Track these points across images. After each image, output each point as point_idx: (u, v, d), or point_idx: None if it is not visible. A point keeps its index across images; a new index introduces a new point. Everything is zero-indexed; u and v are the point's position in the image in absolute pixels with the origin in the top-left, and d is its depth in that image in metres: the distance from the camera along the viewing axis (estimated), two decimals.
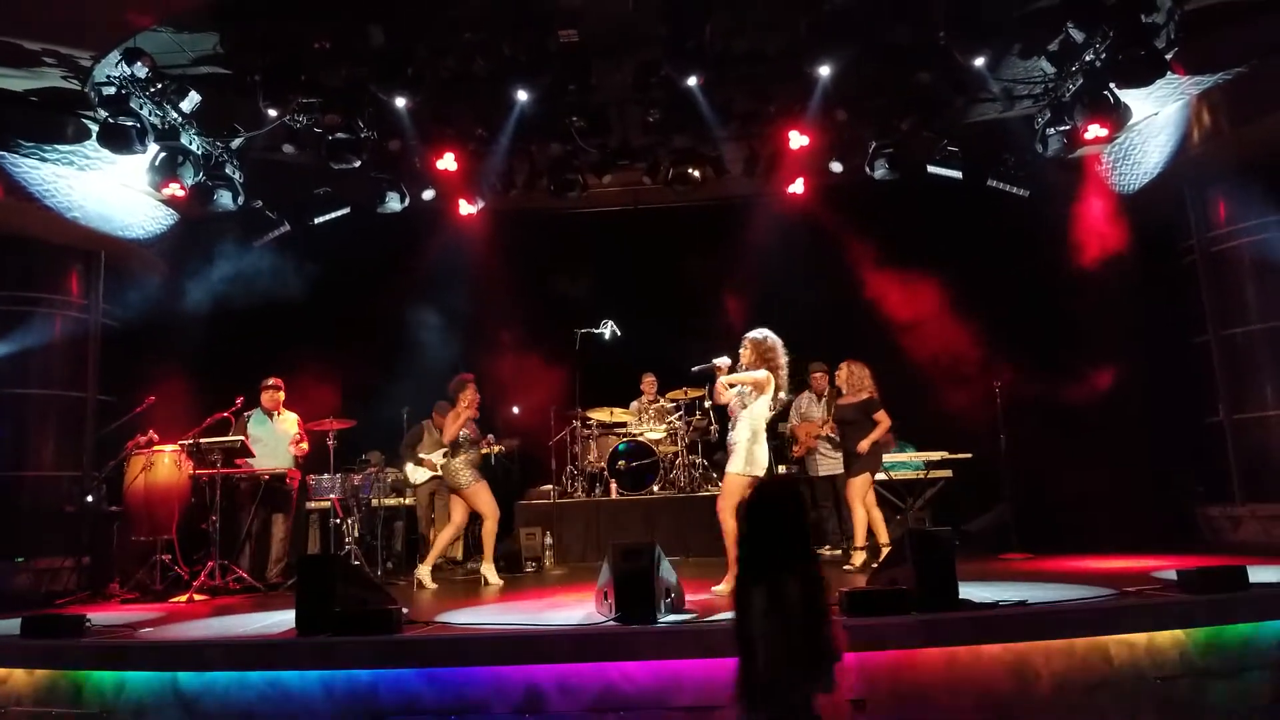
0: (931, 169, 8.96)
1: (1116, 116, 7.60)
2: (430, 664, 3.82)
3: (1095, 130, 7.69)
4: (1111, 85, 7.39)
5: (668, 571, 4.31)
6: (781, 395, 6.02)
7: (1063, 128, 8.08)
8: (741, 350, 6.05)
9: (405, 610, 4.33)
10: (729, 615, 4.51)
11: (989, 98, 8.49)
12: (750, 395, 5.83)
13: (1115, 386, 8.58)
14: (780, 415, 9.91)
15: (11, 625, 4.73)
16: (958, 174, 8.99)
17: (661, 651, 3.76)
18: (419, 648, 3.87)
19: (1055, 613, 3.96)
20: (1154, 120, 8.35)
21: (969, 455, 8.68)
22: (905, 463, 8.92)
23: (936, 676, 3.79)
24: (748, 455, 5.63)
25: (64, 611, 5.13)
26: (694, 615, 4.33)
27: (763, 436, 5.73)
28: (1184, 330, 8.66)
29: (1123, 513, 8.01)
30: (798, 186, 9.60)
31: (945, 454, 8.74)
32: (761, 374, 5.79)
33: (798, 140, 8.52)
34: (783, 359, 5.96)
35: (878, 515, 7.24)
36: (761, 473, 5.68)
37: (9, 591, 7.47)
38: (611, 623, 4.01)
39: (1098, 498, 8.21)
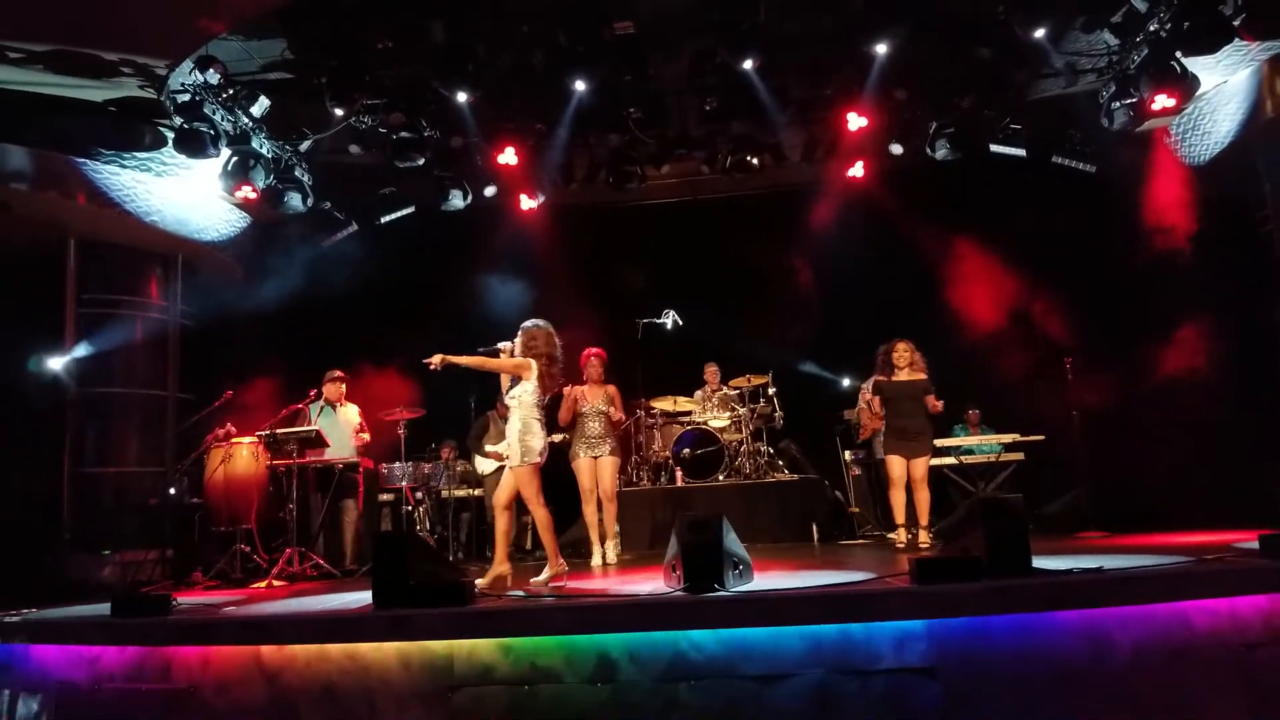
0: (994, 148, 8.81)
1: (1184, 86, 7.39)
2: (503, 634, 3.89)
3: (1162, 101, 7.48)
4: (1178, 54, 7.19)
5: (734, 544, 4.31)
6: (559, 383, 6.01)
7: (1129, 100, 7.88)
8: (518, 337, 5.97)
9: (477, 585, 4.41)
10: (800, 580, 4.54)
11: (1051, 73, 8.33)
12: (520, 386, 5.78)
13: (1190, 361, 8.32)
14: (846, 402, 9.89)
15: (102, 608, 4.94)
16: (1021, 152, 8.81)
17: (729, 620, 3.77)
18: (492, 619, 3.94)
19: (1132, 579, 3.86)
20: (1223, 89, 8.09)
21: (1041, 437, 8.51)
22: (978, 446, 8.78)
23: (1008, 644, 3.73)
24: (522, 447, 5.62)
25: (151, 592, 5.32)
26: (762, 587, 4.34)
27: (535, 425, 5.68)
28: (1260, 302, 8.36)
29: (1203, 492, 7.76)
30: (857, 170, 9.53)
31: (1017, 436, 8.57)
32: (522, 360, 5.79)
33: (856, 122, 8.45)
34: (552, 350, 5.88)
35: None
36: (539, 459, 5.66)
37: (97, 582, 7.79)
38: (680, 593, 4.04)
39: (1176, 478, 7.98)
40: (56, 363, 8.58)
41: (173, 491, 7.87)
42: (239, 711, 4.12)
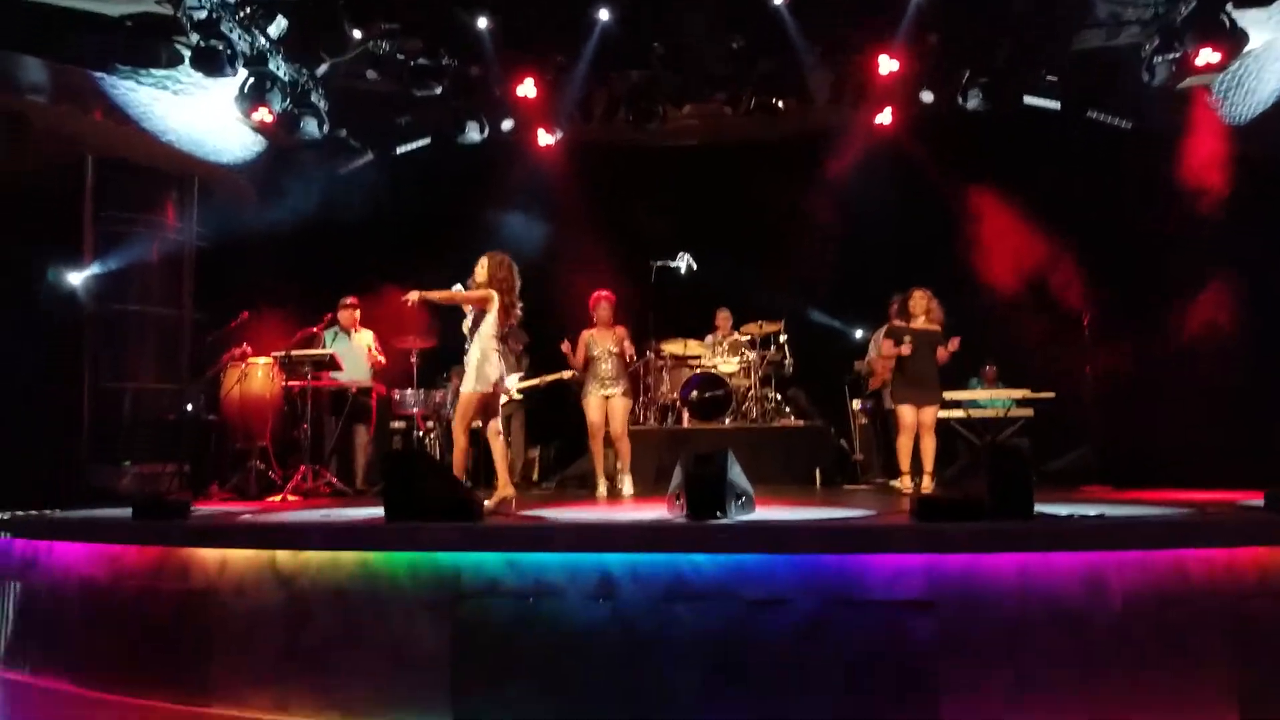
0: (1028, 99, 8.68)
1: (1231, 41, 7.24)
2: (510, 549, 3.99)
3: (1207, 56, 7.34)
4: (1228, 7, 7.03)
5: (739, 476, 4.38)
6: (518, 313, 6.14)
7: (1172, 55, 7.70)
8: (477, 267, 6.08)
9: (486, 502, 4.51)
10: (801, 515, 4.63)
11: (1094, 23, 8.15)
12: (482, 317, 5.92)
13: (1212, 324, 8.27)
14: (857, 353, 9.92)
15: (123, 512, 5.08)
16: (1056, 105, 8.68)
17: (730, 545, 3.84)
18: (500, 534, 4.04)
19: (1131, 525, 3.92)
20: (1272, 45, 7.84)
21: (1052, 394, 8.51)
22: (988, 400, 8.80)
23: (1006, 584, 3.79)
24: (478, 373, 5.82)
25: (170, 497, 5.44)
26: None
27: (493, 355, 5.87)
28: None
29: (1215, 454, 7.75)
30: (885, 117, 9.41)
31: (1028, 392, 8.58)
32: (486, 293, 5.91)
33: (887, 65, 8.32)
34: (512, 280, 6.03)
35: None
36: (491, 388, 5.87)
37: (116, 492, 7.95)
38: (682, 519, 4.12)
39: (1188, 439, 7.96)
40: (75, 278, 8.66)
41: (189, 408, 7.99)
42: (253, 613, 4.25)
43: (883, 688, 3.71)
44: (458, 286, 6.14)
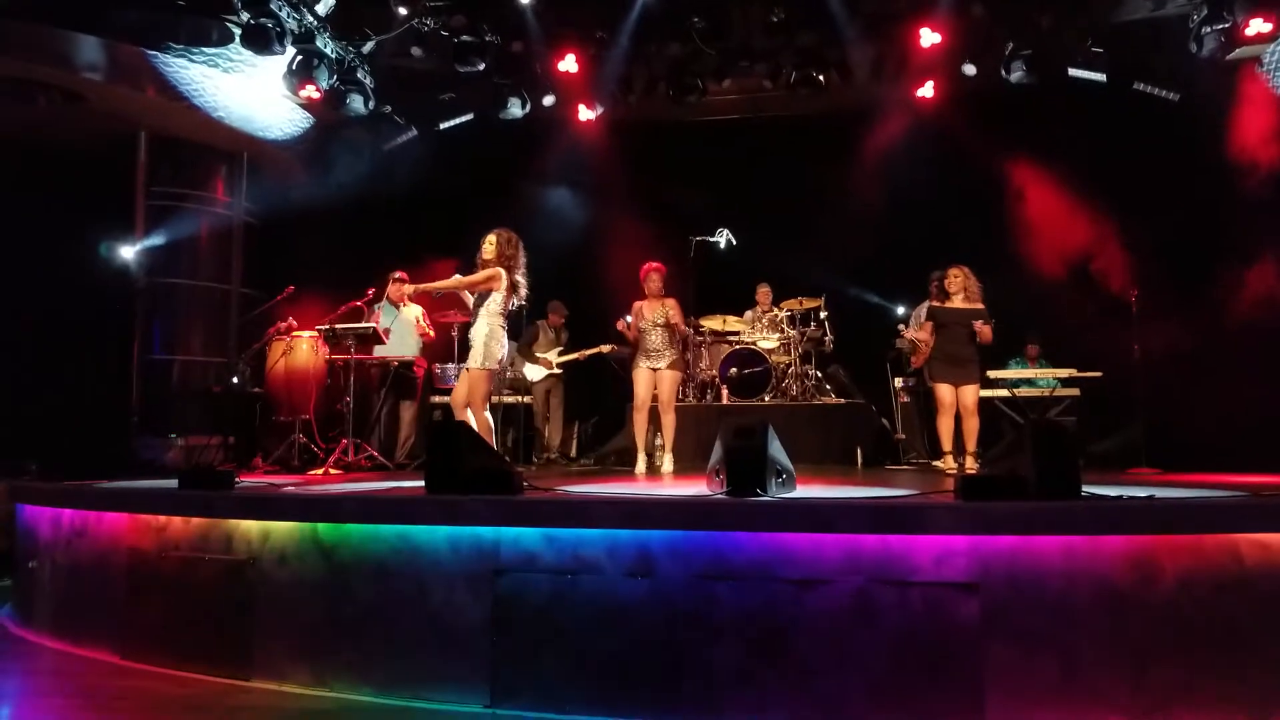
0: (1073, 71, 8.47)
1: None
2: (549, 525, 3.99)
3: (1258, 26, 7.16)
4: None
5: (779, 452, 4.33)
6: (523, 292, 6.13)
7: (1221, 25, 7.53)
8: (487, 244, 6.06)
9: (525, 479, 4.52)
10: (842, 494, 4.58)
11: None
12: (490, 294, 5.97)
13: (1267, 301, 8.04)
14: (899, 329, 9.79)
15: (170, 482, 5.19)
16: (1101, 77, 8.46)
17: (771, 524, 3.80)
18: (539, 509, 4.04)
19: (1182, 507, 3.80)
20: None
21: (1099, 374, 8.35)
22: (1032, 380, 8.65)
23: (1052, 565, 3.72)
24: (486, 351, 5.88)
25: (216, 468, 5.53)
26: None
27: (500, 332, 5.96)
28: None
29: (1270, 436, 7.57)
30: (927, 90, 9.25)
31: (1074, 371, 8.43)
32: (493, 271, 5.93)
33: (929, 38, 8.18)
34: (521, 257, 6.06)
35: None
36: (497, 366, 5.96)
37: (163, 464, 8.14)
38: (722, 496, 4.09)
39: (1240, 421, 7.77)
40: (126, 252, 8.83)
41: (235, 381, 8.13)
42: (295, 583, 4.31)
43: (925, 670, 3.66)
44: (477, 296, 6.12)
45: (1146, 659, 3.63)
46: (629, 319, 7.56)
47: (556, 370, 9.63)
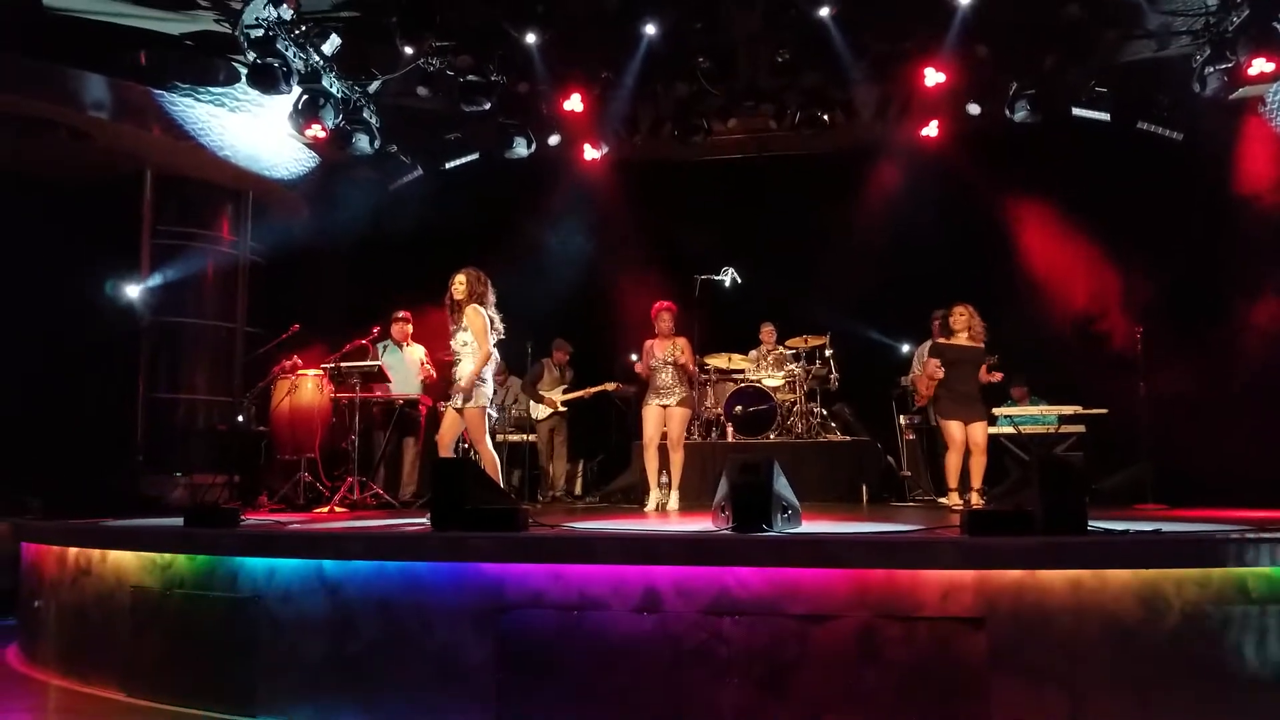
0: (1076, 111, 8.56)
1: None
2: (554, 561, 3.98)
3: (1260, 66, 7.23)
4: None
5: (784, 488, 4.33)
6: (499, 326, 6.19)
7: (1223, 65, 7.58)
8: (458, 284, 6.11)
9: (530, 516, 4.52)
10: (846, 529, 4.56)
11: (1143, 34, 8.04)
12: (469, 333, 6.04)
13: (1270, 336, 8.06)
14: (903, 368, 9.80)
15: (175, 520, 5.19)
16: (1105, 116, 8.56)
17: (777, 559, 3.79)
18: (544, 545, 4.04)
19: (1190, 541, 3.80)
20: None
21: (1105, 410, 8.34)
22: (1037, 417, 8.64)
23: (1060, 600, 3.70)
24: (478, 390, 5.98)
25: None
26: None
27: (484, 370, 6.02)
28: None
29: (1275, 470, 7.54)
30: (931, 130, 9.34)
31: (1079, 409, 8.42)
32: (477, 313, 6.02)
33: (933, 78, 8.26)
34: (491, 294, 6.18)
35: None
36: (486, 402, 6.02)
37: (168, 502, 8.12)
38: (728, 532, 4.08)
39: (1248, 459, 7.75)
40: (132, 290, 8.89)
41: (240, 419, 8.14)
42: (300, 620, 4.29)
43: (933, 706, 3.64)
44: (460, 336, 6.14)
45: (1154, 693, 3.61)
46: (636, 358, 7.59)
47: (561, 408, 9.64)
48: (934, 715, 3.63)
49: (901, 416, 9.39)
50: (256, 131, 9.12)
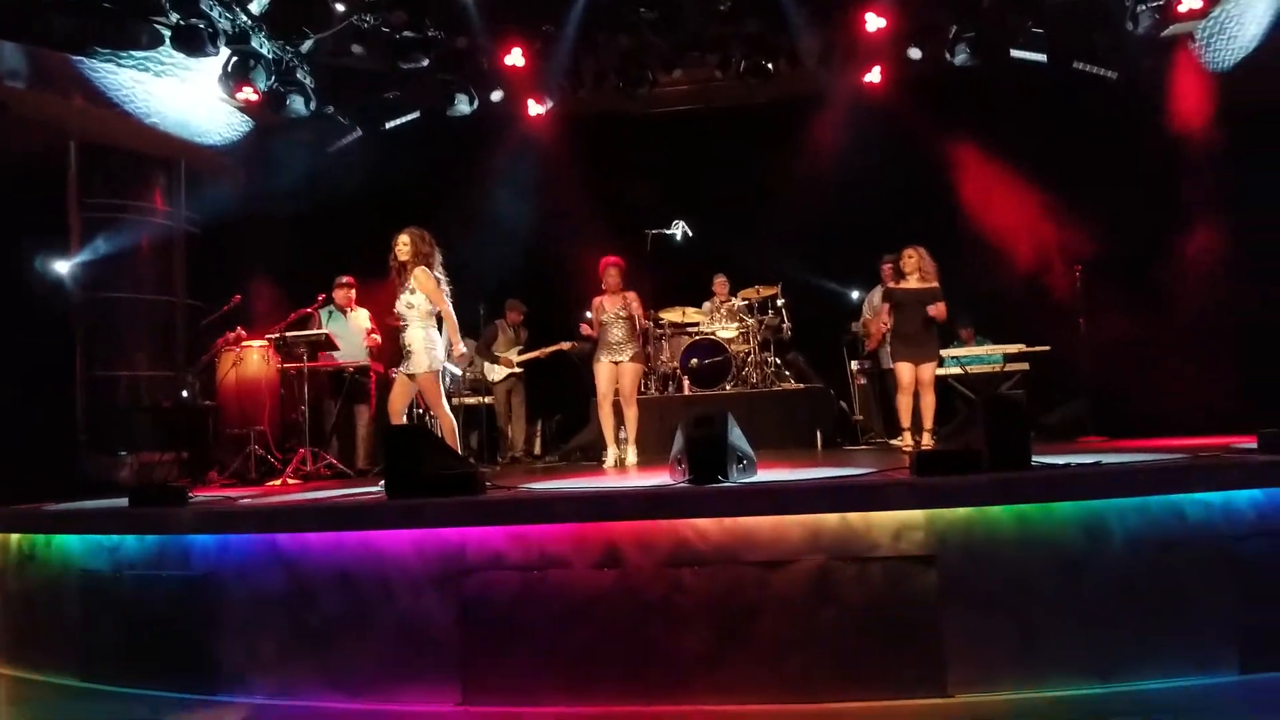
0: (1015, 53, 8.62)
1: None
2: (513, 523, 3.99)
3: (1190, 3, 7.37)
4: None
5: (739, 439, 4.37)
6: (446, 288, 6.05)
7: (1154, 3, 7.71)
8: (402, 245, 6.00)
9: (488, 479, 4.51)
10: (802, 476, 4.62)
11: None
12: (416, 295, 5.92)
13: (1205, 272, 8.26)
14: (854, 314, 9.90)
15: (121, 501, 5.07)
16: (1042, 57, 8.63)
17: (733, 509, 3.84)
18: (503, 507, 4.03)
19: (1128, 472, 3.91)
20: None
21: (1047, 348, 8.50)
22: (981, 356, 8.78)
23: (1007, 534, 3.81)
24: (428, 357, 5.89)
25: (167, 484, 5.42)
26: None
27: (435, 333, 5.94)
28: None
29: (1211, 403, 7.77)
30: (874, 76, 9.34)
31: (1023, 347, 8.57)
32: (426, 275, 5.89)
33: (874, 23, 8.27)
34: (437, 254, 6.04)
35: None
36: (440, 365, 5.95)
37: (115, 482, 7.96)
38: (685, 484, 4.12)
39: (1184, 388, 7.99)
40: (62, 266, 8.61)
41: (185, 395, 7.98)
42: (257, 596, 4.25)
43: (889, 642, 3.74)
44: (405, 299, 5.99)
45: (1097, 619, 3.74)
46: (589, 315, 7.54)
47: (517, 369, 9.59)
48: (890, 651, 3.73)
49: (853, 362, 9.52)
50: (185, 97, 8.80)
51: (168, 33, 7.68)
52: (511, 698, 3.87)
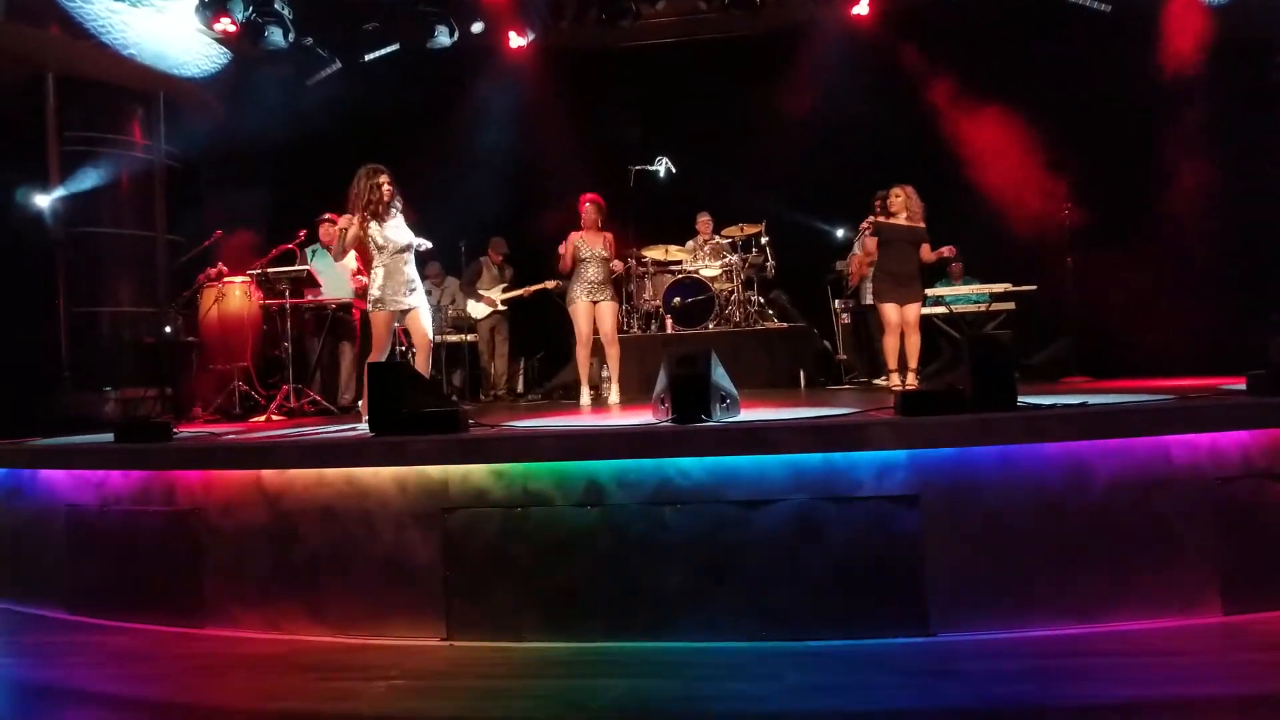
0: None
1: None
2: (496, 460, 3.99)
3: None
4: None
5: (722, 378, 4.37)
6: (391, 219, 5.89)
7: None
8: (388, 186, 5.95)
9: (471, 417, 4.50)
10: (786, 416, 4.64)
11: None
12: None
13: (1195, 210, 8.22)
14: (838, 253, 9.86)
15: (106, 437, 5.07)
16: None
17: (716, 448, 3.85)
18: (486, 445, 4.03)
19: (1113, 413, 3.92)
20: None
21: (1034, 287, 8.50)
22: (967, 295, 8.78)
23: (991, 474, 3.83)
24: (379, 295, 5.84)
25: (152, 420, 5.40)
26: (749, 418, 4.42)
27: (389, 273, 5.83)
28: (1268, 152, 8.19)
29: (1197, 343, 7.80)
30: (862, 8, 9.19)
31: (1009, 286, 8.57)
32: (346, 223, 5.82)
33: None
34: (378, 188, 5.82)
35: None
36: (390, 309, 5.84)
37: (98, 419, 7.92)
38: (667, 423, 4.12)
39: (1172, 328, 8.00)
40: (42, 201, 8.46)
41: (168, 330, 7.91)
42: (241, 532, 4.27)
43: (870, 581, 3.78)
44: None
45: (1078, 560, 3.78)
46: (560, 251, 7.41)
47: (501, 307, 9.54)
48: (872, 590, 3.77)
49: (837, 301, 9.51)
50: (162, 28, 8.56)
51: None
52: (496, 633, 3.92)
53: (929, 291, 8.20)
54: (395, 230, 5.88)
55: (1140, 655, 3.45)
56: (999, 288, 8.57)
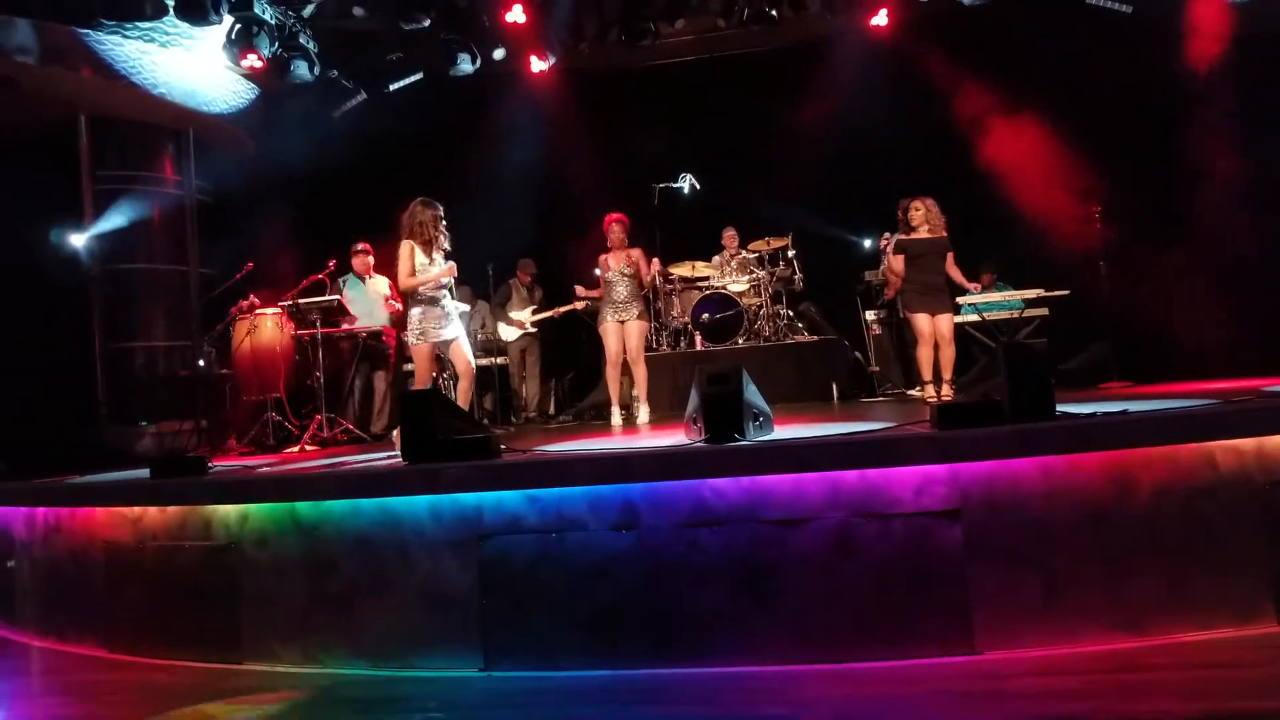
0: None
1: None
2: (530, 486, 3.97)
3: None
4: None
5: (755, 395, 4.32)
6: (438, 258, 6.10)
7: None
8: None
9: (503, 442, 4.49)
10: (820, 432, 4.58)
11: None
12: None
13: (1228, 209, 8.08)
14: (866, 263, 9.78)
15: (142, 472, 5.12)
16: None
17: (751, 467, 3.80)
18: (519, 471, 4.01)
19: (1156, 420, 3.82)
20: None
21: (1066, 292, 8.38)
22: (1001, 302, 8.67)
23: (1031, 487, 3.75)
24: (420, 328, 6.11)
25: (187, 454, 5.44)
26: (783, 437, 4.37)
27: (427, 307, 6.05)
28: None
29: (1236, 343, 7.65)
30: (881, 19, 9.13)
31: (1041, 291, 8.45)
32: (403, 249, 6.00)
33: None
34: (419, 226, 6.03)
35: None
36: (431, 341, 6.08)
37: (134, 453, 8.03)
38: (701, 444, 4.08)
39: (1209, 329, 7.86)
40: (77, 239, 8.61)
41: (201, 363, 7.99)
42: (278, 564, 4.27)
43: (912, 599, 3.70)
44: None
45: (1126, 572, 3.68)
46: (598, 273, 7.47)
47: (531, 329, 9.56)
48: (914, 608, 3.69)
49: (868, 312, 9.43)
50: (191, 66, 8.75)
51: (171, 2, 7.63)
52: (533, 662, 3.88)
53: (961, 300, 8.11)
54: (440, 266, 6.08)
55: (1198, 668, 3.34)
56: (1031, 293, 8.46)
